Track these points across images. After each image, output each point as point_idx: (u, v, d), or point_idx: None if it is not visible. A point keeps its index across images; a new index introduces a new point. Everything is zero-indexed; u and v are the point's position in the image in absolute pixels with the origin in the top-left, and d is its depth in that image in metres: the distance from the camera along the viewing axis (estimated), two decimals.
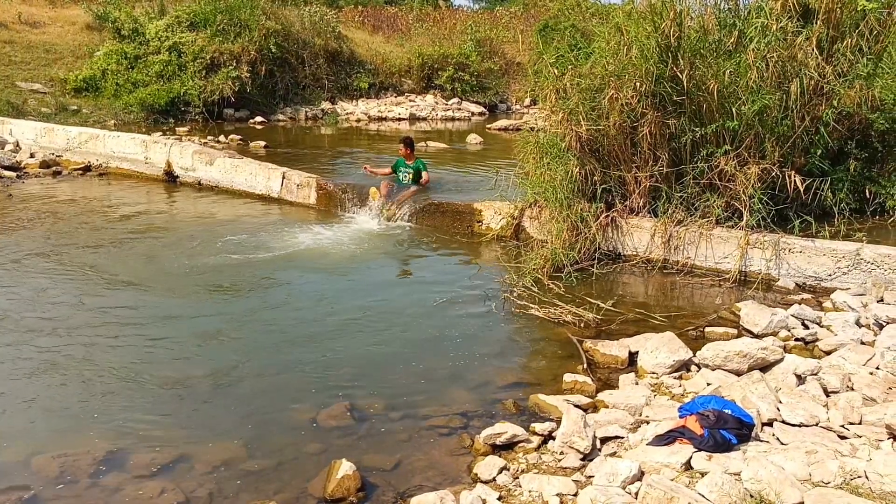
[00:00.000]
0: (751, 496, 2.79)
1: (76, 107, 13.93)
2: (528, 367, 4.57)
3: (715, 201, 6.14)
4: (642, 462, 3.10)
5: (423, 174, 8.61)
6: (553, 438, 3.50)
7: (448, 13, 24.99)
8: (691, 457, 3.11)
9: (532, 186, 6.88)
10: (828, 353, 4.42)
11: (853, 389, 3.80)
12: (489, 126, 16.61)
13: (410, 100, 18.95)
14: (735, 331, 4.93)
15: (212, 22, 15.61)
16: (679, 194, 6.36)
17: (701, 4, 6.73)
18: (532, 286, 5.79)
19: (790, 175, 5.95)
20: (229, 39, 15.48)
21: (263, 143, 12.43)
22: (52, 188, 9.43)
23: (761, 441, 3.34)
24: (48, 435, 3.61)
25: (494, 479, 3.21)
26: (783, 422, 3.49)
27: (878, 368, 4.01)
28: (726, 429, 3.22)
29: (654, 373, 4.28)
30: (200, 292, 5.69)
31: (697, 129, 6.18)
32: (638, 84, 6.15)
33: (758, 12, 6.29)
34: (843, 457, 3.05)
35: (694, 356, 4.37)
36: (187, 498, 3.14)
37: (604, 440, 3.50)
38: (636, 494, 2.85)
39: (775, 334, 4.76)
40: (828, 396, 3.77)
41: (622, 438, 3.51)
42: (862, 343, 4.47)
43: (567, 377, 4.21)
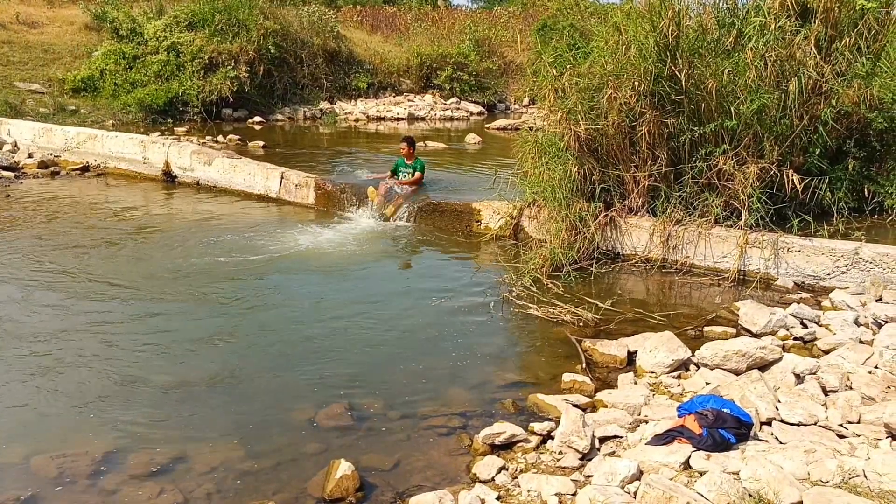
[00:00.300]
0: (749, 495, 2.79)
1: (74, 107, 13.91)
2: (527, 367, 4.57)
3: (714, 200, 6.15)
4: (641, 461, 3.10)
5: (417, 173, 8.59)
6: (552, 438, 3.50)
7: (446, 13, 24.97)
8: (690, 456, 3.12)
9: (531, 186, 6.88)
10: (826, 353, 4.43)
11: (852, 388, 3.80)
12: (488, 126, 16.61)
13: (409, 99, 18.94)
14: (734, 330, 4.93)
15: (210, 22, 15.59)
16: (678, 194, 6.36)
17: (699, 4, 6.75)
18: (531, 286, 5.79)
19: (788, 174, 5.96)
20: (227, 39, 15.46)
21: (262, 143, 12.42)
22: (51, 188, 9.42)
23: (760, 440, 3.34)
24: (47, 436, 3.60)
25: (493, 479, 3.22)
26: (782, 421, 3.50)
27: (877, 367, 4.02)
28: (725, 428, 3.22)
29: (653, 372, 4.29)
30: (198, 293, 5.68)
31: (696, 129, 6.18)
32: (636, 83, 6.15)
33: (756, 11, 6.30)
34: (842, 456, 3.05)
35: (693, 355, 4.37)
36: (186, 498, 3.14)
37: (602, 440, 3.51)
38: (635, 494, 2.86)
39: (774, 333, 4.77)
40: (826, 395, 3.78)
41: (621, 438, 3.52)
42: (861, 342, 4.47)
43: (566, 377, 4.21)
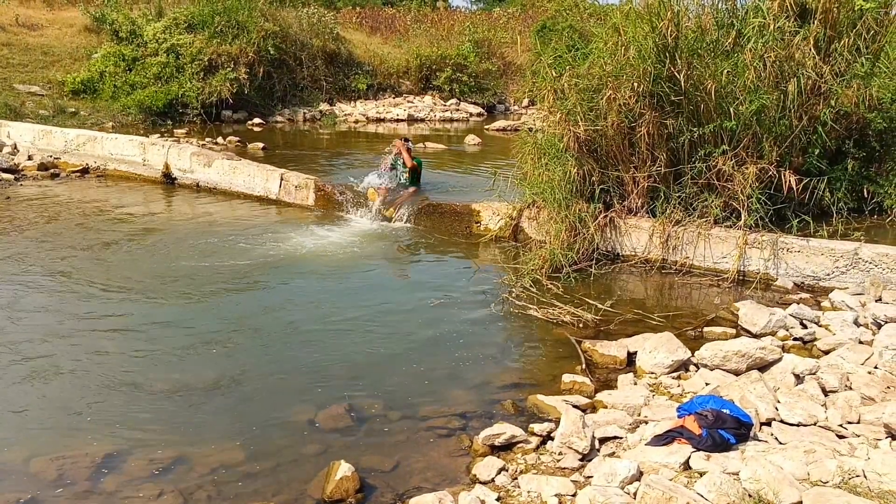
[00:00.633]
0: (749, 496, 2.79)
1: (74, 109, 13.91)
2: (527, 368, 4.57)
3: (713, 201, 6.15)
4: (641, 462, 3.10)
5: (411, 160, 8.46)
6: (552, 439, 3.50)
7: (446, 14, 24.98)
8: (690, 457, 3.12)
9: (530, 187, 6.88)
10: (826, 353, 4.43)
11: (851, 388, 3.80)
12: (487, 127, 16.61)
13: (409, 101, 18.93)
14: (733, 330, 4.93)
15: (209, 24, 15.57)
16: (677, 194, 6.36)
17: (698, 5, 6.73)
18: (531, 287, 5.79)
19: (787, 175, 5.96)
20: (227, 41, 15.45)
21: (261, 145, 12.42)
22: (50, 190, 9.42)
23: (760, 440, 3.34)
24: (46, 438, 3.60)
25: (493, 480, 3.22)
26: (781, 421, 3.50)
27: (877, 367, 4.02)
28: (725, 428, 3.22)
29: (653, 373, 4.29)
30: (198, 294, 5.68)
31: (695, 129, 6.18)
32: (636, 84, 6.16)
33: (755, 12, 6.30)
34: (842, 456, 3.05)
35: (692, 356, 4.37)
36: (185, 500, 3.14)
37: (602, 440, 3.50)
38: (635, 494, 2.86)
39: (774, 334, 4.77)
40: (826, 396, 3.78)
41: (621, 439, 3.52)
42: (860, 342, 4.47)
43: (566, 377, 4.21)
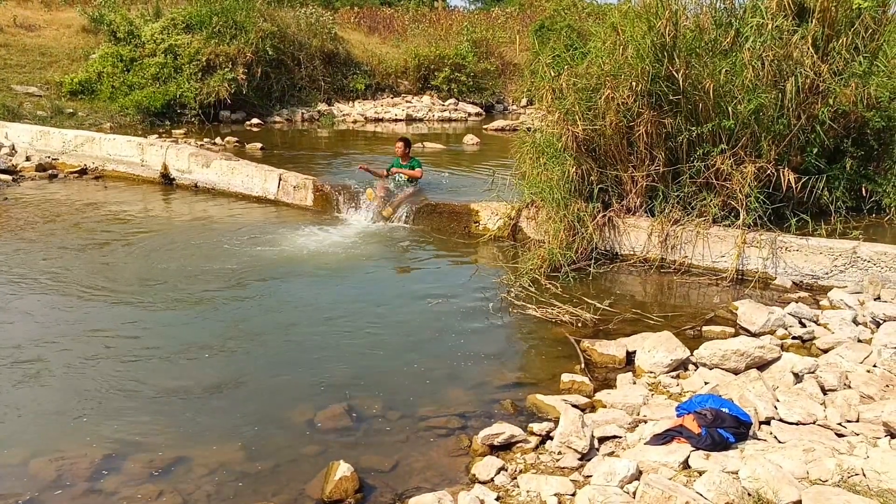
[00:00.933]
0: (749, 494, 2.79)
1: (72, 110, 13.89)
2: (526, 368, 4.57)
3: (711, 200, 6.15)
4: (640, 461, 3.10)
5: (417, 170, 8.58)
6: (551, 438, 3.50)
7: (444, 14, 24.96)
8: (689, 456, 3.11)
9: (529, 187, 6.88)
10: (825, 351, 4.43)
11: (850, 387, 3.80)
12: (486, 127, 16.60)
13: (407, 101, 18.92)
14: (732, 329, 4.93)
15: (207, 24, 15.55)
16: (676, 193, 6.37)
17: (696, 4, 6.73)
18: (529, 286, 5.79)
19: (786, 173, 5.96)
20: (225, 41, 15.43)
21: (260, 145, 12.41)
22: (48, 191, 9.41)
23: (759, 439, 3.35)
24: (45, 439, 3.59)
25: (492, 480, 3.21)
26: (781, 420, 3.50)
27: (876, 366, 4.02)
28: (724, 427, 3.22)
29: (652, 372, 4.29)
30: (196, 295, 5.67)
31: (694, 129, 6.19)
32: (634, 83, 6.16)
33: (753, 11, 6.31)
34: (841, 454, 3.06)
35: (691, 355, 4.37)
36: (185, 500, 3.13)
37: (602, 440, 3.50)
38: (634, 494, 2.86)
39: (772, 333, 4.77)
40: (825, 394, 3.78)
41: (620, 438, 3.52)
42: (859, 341, 4.48)
43: (565, 377, 4.21)
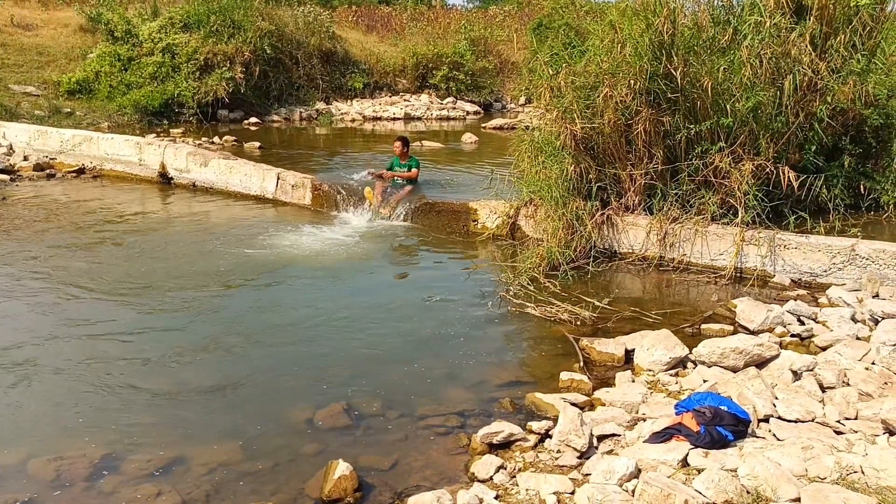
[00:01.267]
0: (747, 492, 2.79)
1: (70, 109, 13.87)
2: (525, 366, 4.57)
3: (710, 198, 6.15)
4: (639, 459, 3.10)
5: (413, 169, 8.61)
6: (550, 437, 3.50)
7: (442, 12, 24.93)
8: (688, 454, 3.12)
9: (527, 185, 6.88)
10: (823, 349, 4.43)
11: (849, 385, 3.80)
12: (484, 125, 16.59)
13: (405, 99, 18.91)
14: (731, 327, 4.94)
15: (205, 23, 15.52)
16: (674, 191, 6.37)
17: (694, 2, 6.72)
18: (528, 285, 5.79)
19: (784, 171, 5.96)
20: (223, 40, 15.40)
21: (258, 144, 12.40)
22: (46, 191, 9.39)
23: (757, 437, 3.35)
24: (44, 439, 3.59)
25: (491, 478, 3.21)
26: (779, 418, 3.50)
27: (874, 363, 4.03)
28: (723, 425, 3.22)
29: (651, 370, 4.29)
30: (193, 295, 5.67)
31: (692, 126, 6.18)
32: (632, 81, 6.16)
33: (751, 9, 6.31)
34: (839, 452, 3.06)
35: (690, 353, 4.37)
36: (184, 500, 3.13)
37: (600, 438, 3.51)
38: (633, 492, 2.86)
39: (771, 330, 4.78)
40: (824, 392, 3.78)
41: (619, 436, 3.52)
42: (857, 338, 4.48)
43: (563, 375, 4.21)
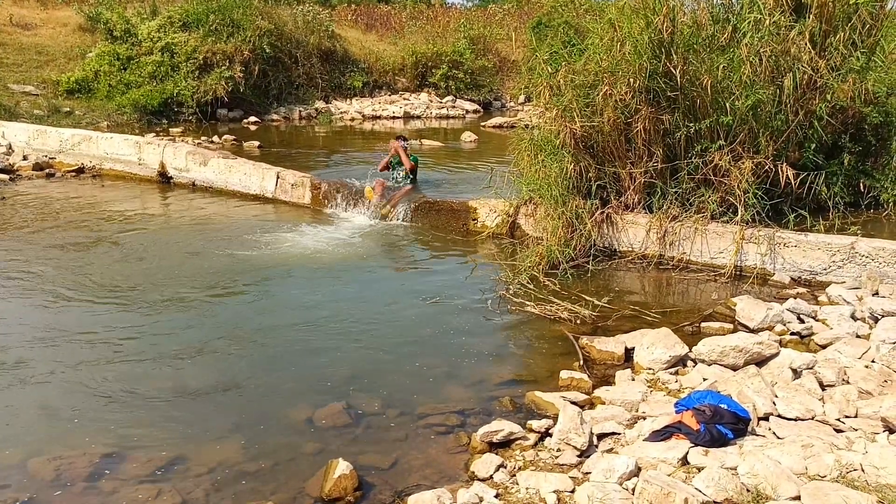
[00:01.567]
0: (747, 490, 2.79)
1: (69, 108, 13.86)
2: (525, 365, 4.57)
3: (710, 196, 6.15)
4: (639, 458, 3.10)
5: (408, 161, 8.53)
6: (550, 435, 3.50)
7: (441, 11, 24.90)
8: (688, 452, 3.12)
9: (527, 184, 6.88)
10: (823, 347, 4.43)
11: (849, 383, 3.80)
12: (484, 124, 16.59)
13: (404, 98, 18.90)
14: (731, 326, 4.94)
15: (204, 22, 15.52)
16: (674, 190, 6.36)
17: (694, 0, 6.73)
18: (528, 283, 5.79)
19: (784, 169, 5.96)
20: (222, 39, 15.40)
21: (257, 143, 12.40)
22: (45, 190, 9.39)
23: (757, 435, 3.35)
24: (43, 438, 3.59)
25: (491, 477, 3.21)
26: (779, 416, 3.50)
27: (874, 361, 4.03)
28: (722, 424, 3.22)
29: (651, 368, 4.29)
30: (193, 294, 5.66)
31: (691, 125, 6.18)
32: (632, 80, 6.15)
33: (751, 7, 6.30)
34: (839, 450, 3.06)
35: (690, 351, 4.37)
36: (184, 499, 3.13)
37: (600, 436, 3.51)
38: (633, 490, 2.86)
39: (771, 329, 4.78)
40: (823, 390, 3.78)
41: (619, 434, 3.52)
42: (857, 336, 4.48)
43: (563, 374, 4.21)
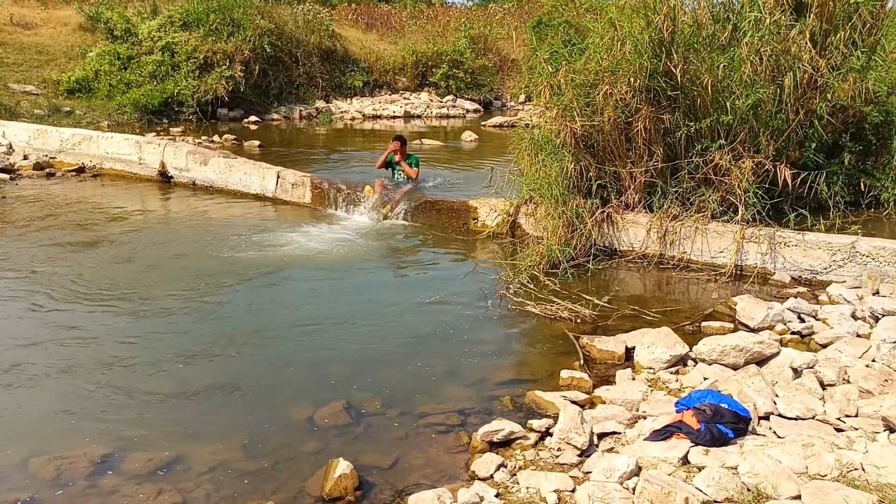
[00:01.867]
0: (748, 490, 2.79)
1: (69, 108, 13.86)
2: (525, 364, 4.57)
3: (710, 196, 6.15)
4: (639, 457, 3.10)
5: (413, 169, 8.59)
6: (550, 435, 3.50)
7: (441, 10, 24.89)
8: (688, 451, 3.12)
9: (527, 183, 6.87)
10: (824, 347, 4.43)
11: (849, 382, 3.80)
12: (484, 123, 16.58)
13: (405, 98, 18.90)
14: (731, 325, 4.93)
15: (205, 21, 15.52)
16: (674, 189, 6.36)
17: None
18: (528, 283, 5.79)
19: (784, 169, 5.96)
20: (222, 39, 15.40)
21: (258, 143, 12.40)
22: (46, 190, 9.39)
23: (758, 435, 3.35)
24: (44, 438, 3.59)
25: (492, 476, 3.21)
26: (780, 415, 3.50)
27: (874, 361, 4.03)
28: (723, 423, 3.22)
29: (651, 368, 4.28)
30: (193, 294, 5.66)
31: (692, 124, 6.18)
32: (632, 79, 6.15)
33: (751, 6, 6.29)
34: (840, 449, 3.06)
35: (690, 351, 4.37)
36: (185, 499, 3.13)
37: (601, 436, 3.51)
38: (633, 490, 2.85)
39: (771, 328, 4.78)
40: (824, 389, 3.78)
41: (619, 434, 3.52)
42: (858, 336, 4.48)
43: (564, 373, 4.21)
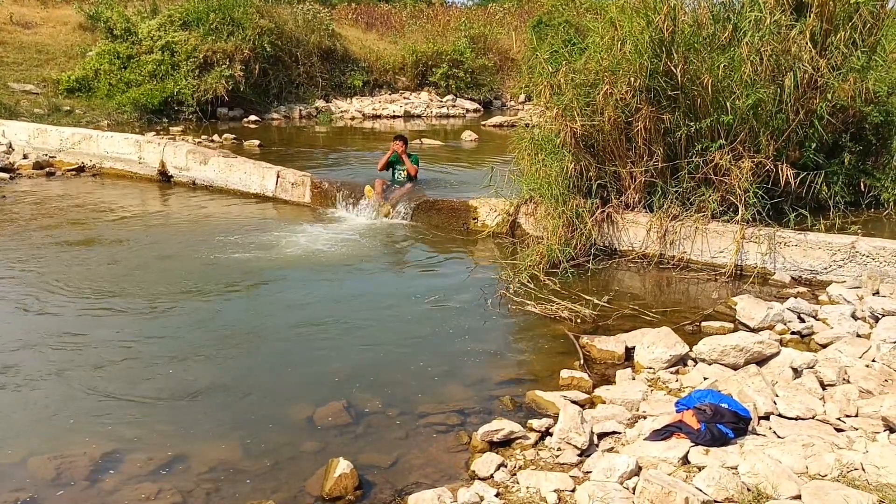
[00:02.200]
0: (748, 489, 2.79)
1: (69, 107, 13.85)
2: (525, 364, 4.57)
3: (710, 196, 6.15)
4: (639, 457, 3.10)
5: (414, 166, 8.58)
6: (550, 434, 3.50)
7: (441, 10, 24.88)
8: (688, 451, 3.12)
9: (527, 183, 6.88)
10: (824, 347, 4.43)
11: (849, 382, 3.80)
12: (484, 123, 16.58)
13: (405, 97, 18.89)
14: (731, 325, 4.93)
15: (204, 21, 15.51)
16: (674, 189, 6.36)
17: None
18: (528, 282, 5.79)
19: (784, 169, 5.96)
20: (222, 38, 15.39)
21: (258, 142, 12.40)
22: (46, 189, 9.39)
23: (758, 435, 3.35)
24: (44, 437, 3.58)
25: (492, 476, 3.21)
26: (780, 415, 3.50)
27: (875, 361, 4.03)
28: (723, 423, 3.22)
29: (651, 368, 4.29)
30: (193, 293, 5.66)
31: (692, 124, 6.18)
32: (632, 79, 6.14)
33: (751, 6, 6.30)
34: (840, 449, 3.06)
35: (690, 351, 4.37)
36: (184, 499, 3.13)
37: (601, 436, 3.51)
38: (633, 489, 2.85)
39: (771, 328, 4.78)
40: (824, 389, 3.78)
41: (619, 434, 3.52)
42: (858, 336, 4.48)
43: (564, 373, 4.21)
